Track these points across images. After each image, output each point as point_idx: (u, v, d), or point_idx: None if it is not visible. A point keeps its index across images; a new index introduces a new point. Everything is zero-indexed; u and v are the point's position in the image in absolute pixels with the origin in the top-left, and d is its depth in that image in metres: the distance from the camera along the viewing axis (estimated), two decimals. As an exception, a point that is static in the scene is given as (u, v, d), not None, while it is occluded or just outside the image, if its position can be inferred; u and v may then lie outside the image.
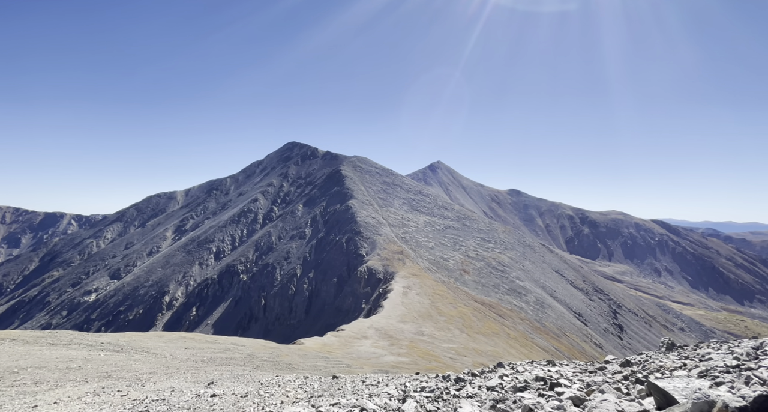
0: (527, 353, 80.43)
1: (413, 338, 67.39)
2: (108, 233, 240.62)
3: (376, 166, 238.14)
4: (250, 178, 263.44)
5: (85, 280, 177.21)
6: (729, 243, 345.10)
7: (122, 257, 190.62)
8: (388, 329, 69.68)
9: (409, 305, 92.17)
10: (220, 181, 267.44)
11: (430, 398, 9.47)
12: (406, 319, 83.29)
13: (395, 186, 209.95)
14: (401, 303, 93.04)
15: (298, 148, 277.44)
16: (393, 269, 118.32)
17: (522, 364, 16.24)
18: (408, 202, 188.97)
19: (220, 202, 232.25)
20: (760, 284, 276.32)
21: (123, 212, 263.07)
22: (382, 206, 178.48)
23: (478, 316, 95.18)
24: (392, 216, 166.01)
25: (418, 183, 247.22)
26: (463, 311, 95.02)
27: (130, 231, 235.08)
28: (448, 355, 61.40)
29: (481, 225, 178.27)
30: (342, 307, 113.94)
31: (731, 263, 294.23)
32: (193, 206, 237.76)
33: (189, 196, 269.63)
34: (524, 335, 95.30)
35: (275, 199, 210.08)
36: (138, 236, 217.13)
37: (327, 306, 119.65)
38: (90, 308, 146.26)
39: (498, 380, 10.68)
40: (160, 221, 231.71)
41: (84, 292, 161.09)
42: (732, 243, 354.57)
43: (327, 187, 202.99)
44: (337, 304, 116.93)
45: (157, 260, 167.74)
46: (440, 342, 69.26)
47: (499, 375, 12.21)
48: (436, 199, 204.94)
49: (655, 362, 10.68)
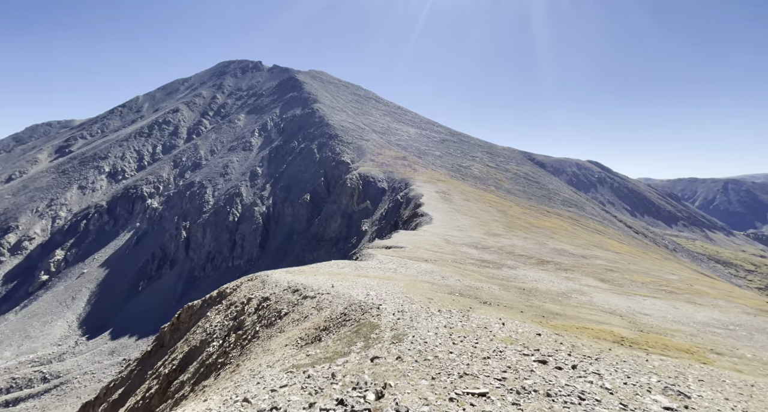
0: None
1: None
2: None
3: (341, 80, 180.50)
4: (172, 95, 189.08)
5: None
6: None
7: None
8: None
9: (471, 213, 46.37)
10: (130, 102, 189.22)
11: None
12: (494, 230, 37.18)
13: (369, 99, 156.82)
14: (455, 210, 46.78)
15: (236, 63, 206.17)
16: (402, 176, 70.52)
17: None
18: (389, 114, 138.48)
19: (127, 120, 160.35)
20: (680, 212, 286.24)
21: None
22: (358, 114, 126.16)
23: (576, 229, 53.09)
24: (376, 123, 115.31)
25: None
26: (555, 223, 52.23)
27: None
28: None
29: (479, 141, 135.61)
30: (326, 234, 65.24)
31: (654, 195, 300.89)
32: (87, 125, 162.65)
33: (89, 121, 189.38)
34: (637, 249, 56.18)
35: (205, 111, 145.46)
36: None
37: (298, 235, 70.06)
38: None
39: None
40: (37, 144, 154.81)
41: None
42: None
43: (279, 94, 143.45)
44: (314, 230, 67.77)
45: (10, 186, 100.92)
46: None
47: None
48: (419, 116, 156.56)
49: None
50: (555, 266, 37.12)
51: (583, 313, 18.59)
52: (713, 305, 29.16)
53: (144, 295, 72.46)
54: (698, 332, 19.74)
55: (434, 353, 6.03)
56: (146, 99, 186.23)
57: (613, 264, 42.88)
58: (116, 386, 19.90)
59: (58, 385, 54.51)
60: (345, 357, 6.11)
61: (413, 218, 44.54)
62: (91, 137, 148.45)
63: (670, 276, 43.65)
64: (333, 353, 6.48)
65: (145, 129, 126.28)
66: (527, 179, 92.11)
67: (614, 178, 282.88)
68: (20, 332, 62.10)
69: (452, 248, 35.56)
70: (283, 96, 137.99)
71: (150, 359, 21.04)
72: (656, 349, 9.15)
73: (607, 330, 11.28)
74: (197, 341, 16.90)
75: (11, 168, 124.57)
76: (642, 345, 9.35)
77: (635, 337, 10.77)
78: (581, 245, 49.60)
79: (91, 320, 67.79)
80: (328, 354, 6.42)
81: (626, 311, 23.31)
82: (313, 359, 6.34)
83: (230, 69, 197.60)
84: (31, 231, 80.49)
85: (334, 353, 6.44)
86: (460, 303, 12.98)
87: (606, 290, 30.31)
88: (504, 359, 5.88)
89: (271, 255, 69.32)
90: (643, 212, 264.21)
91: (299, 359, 6.66)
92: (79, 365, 58.36)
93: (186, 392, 13.44)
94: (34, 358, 57.22)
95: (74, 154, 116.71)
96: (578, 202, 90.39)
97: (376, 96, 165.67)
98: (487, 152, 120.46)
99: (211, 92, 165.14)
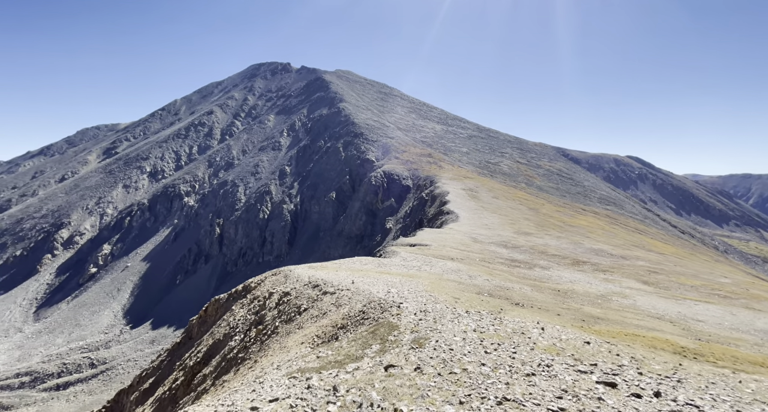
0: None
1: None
2: (22, 168, 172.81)
3: (366, 79, 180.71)
4: (207, 98, 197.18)
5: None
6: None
7: (24, 185, 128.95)
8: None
9: (500, 211, 44.49)
10: (169, 105, 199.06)
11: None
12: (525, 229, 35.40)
13: (394, 96, 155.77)
14: (483, 208, 45.05)
15: (266, 65, 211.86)
16: (427, 174, 69.05)
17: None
18: (414, 111, 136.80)
19: (166, 122, 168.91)
20: (732, 210, 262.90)
21: (50, 146, 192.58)
22: (383, 112, 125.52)
23: (615, 228, 49.67)
24: (401, 121, 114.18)
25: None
26: (591, 221, 49.15)
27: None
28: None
29: (508, 137, 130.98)
30: (351, 231, 65.20)
31: (703, 192, 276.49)
32: (131, 128, 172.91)
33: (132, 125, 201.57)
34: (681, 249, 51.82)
35: (237, 112, 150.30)
36: (53, 163, 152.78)
37: (324, 232, 70.55)
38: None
39: None
40: (87, 146, 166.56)
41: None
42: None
43: (307, 94, 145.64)
44: (340, 228, 67.92)
45: (63, 185, 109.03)
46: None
47: None
48: (445, 112, 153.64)
49: None
50: (592, 267, 34.72)
51: (627, 317, 16.84)
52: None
53: (181, 288, 75.83)
54: (763, 342, 17.44)
55: (462, 364, 4.92)
56: (183, 102, 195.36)
57: (657, 266, 39.61)
58: (147, 375, 20.41)
59: (104, 370, 58.08)
60: (356, 362, 5.27)
61: (439, 216, 43.26)
62: (134, 139, 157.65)
63: (722, 279, 39.70)
64: (345, 356, 5.70)
65: (182, 131, 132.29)
66: (561, 176, 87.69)
67: (657, 175, 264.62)
68: (71, 320, 66.82)
69: (480, 247, 34.07)
70: (310, 96, 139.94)
71: (179, 350, 21.43)
72: (726, 362, 7.73)
73: (661, 338, 9.84)
74: (221, 334, 16.88)
75: (64, 169, 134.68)
76: (708, 357, 7.94)
77: (696, 347, 9.28)
78: (620, 244, 46.29)
79: (134, 310, 71.80)
80: (339, 357, 5.66)
81: (677, 317, 21.10)
82: (322, 362, 5.61)
83: (260, 71, 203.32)
84: (82, 227, 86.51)
85: (346, 357, 5.65)
86: (489, 304, 11.91)
87: (651, 293, 27.84)
88: (554, 376, 4.64)
89: (298, 251, 70.29)
90: (690, 211, 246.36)
91: (309, 360, 5.96)
92: (123, 352, 61.91)
93: (207, 385, 13.33)
94: (83, 345, 61.31)
95: (119, 156, 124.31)
96: (617, 200, 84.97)
97: (401, 93, 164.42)
98: (518, 148, 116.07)
99: (242, 94, 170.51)
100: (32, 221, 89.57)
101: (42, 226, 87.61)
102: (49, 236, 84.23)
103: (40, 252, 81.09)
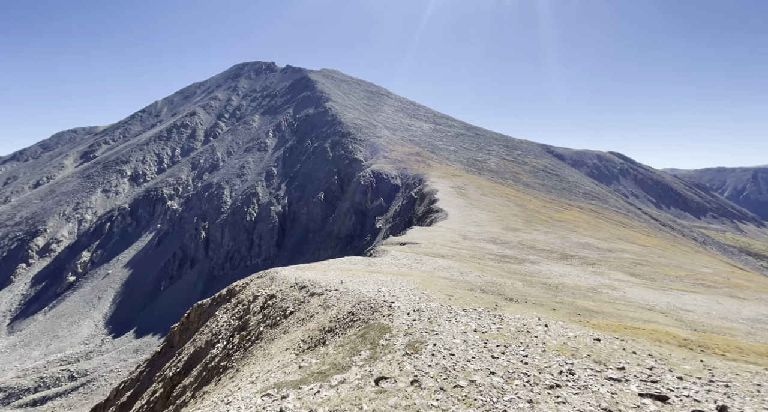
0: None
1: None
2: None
3: (353, 78, 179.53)
4: (189, 99, 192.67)
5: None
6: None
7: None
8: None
9: (489, 208, 44.38)
10: (150, 107, 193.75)
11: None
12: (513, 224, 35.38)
13: (381, 95, 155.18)
14: (472, 205, 44.90)
15: (250, 65, 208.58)
16: (416, 172, 68.76)
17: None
18: (401, 110, 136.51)
19: (147, 124, 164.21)
20: (708, 203, 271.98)
21: (23, 151, 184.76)
22: (371, 111, 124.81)
23: (600, 222, 50.21)
24: (388, 120, 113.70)
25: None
26: (577, 216, 49.52)
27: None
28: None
29: (495, 134, 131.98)
30: (340, 231, 64.25)
31: (681, 186, 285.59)
32: (110, 131, 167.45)
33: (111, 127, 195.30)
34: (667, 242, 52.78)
35: (221, 113, 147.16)
36: (27, 168, 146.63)
37: (313, 233, 69.39)
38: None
39: None
40: (63, 150, 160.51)
41: None
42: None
43: (292, 94, 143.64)
44: (329, 228, 66.90)
45: (38, 191, 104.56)
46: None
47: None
48: (432, 111, 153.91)
49: None
50: (580, 261, 34.83)
51: (621, 310, 16.64)
52: (757, 299, 26.48)
53: (166, 294, 73.49)
54: (754, 330, 17.49)
55: (468, 373, 4.09)
56: (165, 103, 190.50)
57: (642, 258, 40.09)
58: (126, 388, 19.25)
59: (85, 383, 55.63)
60: (343, 373, 4.55)
61: (428, 214, 42.87)
62: (114, 142, 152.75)
63: (704, 269, 40.46)
64: (330, 365, 5.00)
65: (164, 133, 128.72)
66: (546, 172, 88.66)
67: (638, 170, 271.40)
68: (49, 331, 63.89)
69: (470, 244, 33.76)
70: (296, 96, 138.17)
71: (160, 359, 20.32)
72: (733, 354, 7.38)
73: (662, 331, 9.48)
74: (203, 342, 15.94)
75: (39, 174, 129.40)
76: (714, 349, 7.58)
77: (698, 339, 8.94)
78: (606, 238, 46.79)
79: (117, 319, 69.18)
80: (324, 367, 4.96)
81: (666, 307, 21.11)
82: (304, 374, 4.90)
83: (244, 71, 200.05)
84: (59, 234, 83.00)
85: (332, 366, 4.95)
86: (484, 300, 11.40)
87: (639, 285, 27.99)
88: (585, 388, 3.84)
89: (287, 254, 68.96)
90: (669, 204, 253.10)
91: (289, 371, 5.25)
92: (106, 363, 59.48)
93: (187, 397, 12.44)
94: (62, 357, 58.65)
95: (98, 159, 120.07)
96: (601, 195, 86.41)
97: (388, 92, 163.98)
98: (504, 146, 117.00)
99: (226, 95, 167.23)
100: (5, 229, 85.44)
101: (15, 234, 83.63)
102: (23, 244, 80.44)
103: (14, 261, 77.34)
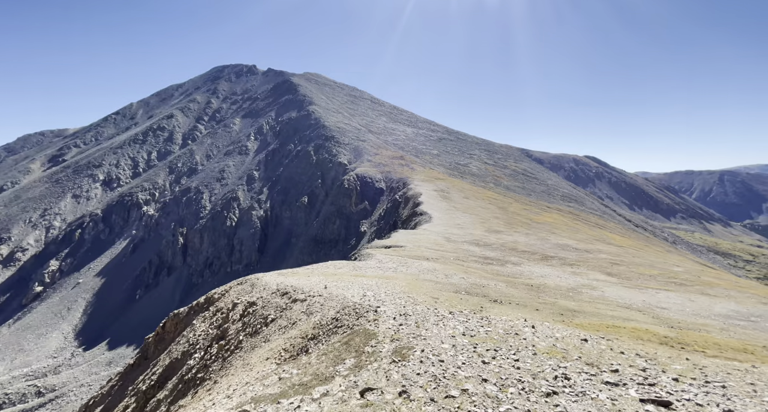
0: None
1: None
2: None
3: (335, 82, 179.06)
4: (166, 101, 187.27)
5: None
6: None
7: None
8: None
9: (471, 211, 44.85)
10: (125, 109, 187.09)
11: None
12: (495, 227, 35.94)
13: (364, 99, 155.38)
14: (455, 208, 45.29)
15: (231, 68, 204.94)
16: (400, 176, 68.97)
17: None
18: (385, 114, 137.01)
19: (121, 127, 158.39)
20: (678, 204, 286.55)
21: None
22: (354, 115, 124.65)
23: (577, 224, 51.60)
24: (372, 124, 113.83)
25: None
26: (556, 218, 50.66)
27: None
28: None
29: (476, 139, 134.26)
30: (324, 236, 63.47)
31: (652, 189, 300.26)
32: (81, 134, 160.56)
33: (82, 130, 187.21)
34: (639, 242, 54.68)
35: (200, 116, 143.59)
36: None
37: (297, 238, 68.27)
38: None
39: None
40: (29, 154, 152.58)
41: None
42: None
43: (275, 97, 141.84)
44: (313, 233, 66.00)
45: (1, 197, 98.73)
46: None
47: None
48: (415, 115, 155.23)
49: None
50: (560, 262, 35.55)
51: (601, 309, 16.98)
52: (727, 296, 27.63)
53: (142, 303, 70.50)
54: (727, 326, 18.16)
55: (459, 381, 3.90)
56: (140, 106, 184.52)
57: (618, 258, 41.34)
58: (96, 403, 18.15)
59: (53, 398, 52.49)
60: (326, 384, 4.28)
61: (412, 217, 42.93)
62: (85, 146, 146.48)
63: (675, 268, 42.06)
64: (312, 375, 4.71)
65: (139, 136, 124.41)
66: (526, 176, 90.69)
67: (612, 173, 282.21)
68: (13, 345, 60.06)
69: (453, 246, 33.94)
70: (278, 99, 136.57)
71: (133, 372, 19.29)
72: (712, 350, 7.54)
73: (641, 328, 9.64)
74: (179, 352, 15.21)
75: (3, 179, 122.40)
76: (693, 346, 7.73)
77: (676, 336, 9.13)
78: (584, 239, 48.06)
79: (88, 330, 65.79)
80: (306, 378, 4.67)
81: (643, 306, 21.71)
82: (284, 386, 4.60)
83: (224, 73, 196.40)
84: (24, 242, 78.44)
85: (314, 377, 4.67)
86: (469, 303, 11.34)
87: (616, 284, 28.74)
88: (583, 394, 3.73)
89: (270, 259, 67.51)
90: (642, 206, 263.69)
91: (268, 383, 4.93)
92: (76, 377, 56.34)
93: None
94: (28, 372, 55.18)
95: (68, 163, 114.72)
96: (578, 198, 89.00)
97: (371, 96, 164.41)
98: (485, 150, 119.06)
99: (205, 97, 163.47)
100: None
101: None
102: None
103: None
